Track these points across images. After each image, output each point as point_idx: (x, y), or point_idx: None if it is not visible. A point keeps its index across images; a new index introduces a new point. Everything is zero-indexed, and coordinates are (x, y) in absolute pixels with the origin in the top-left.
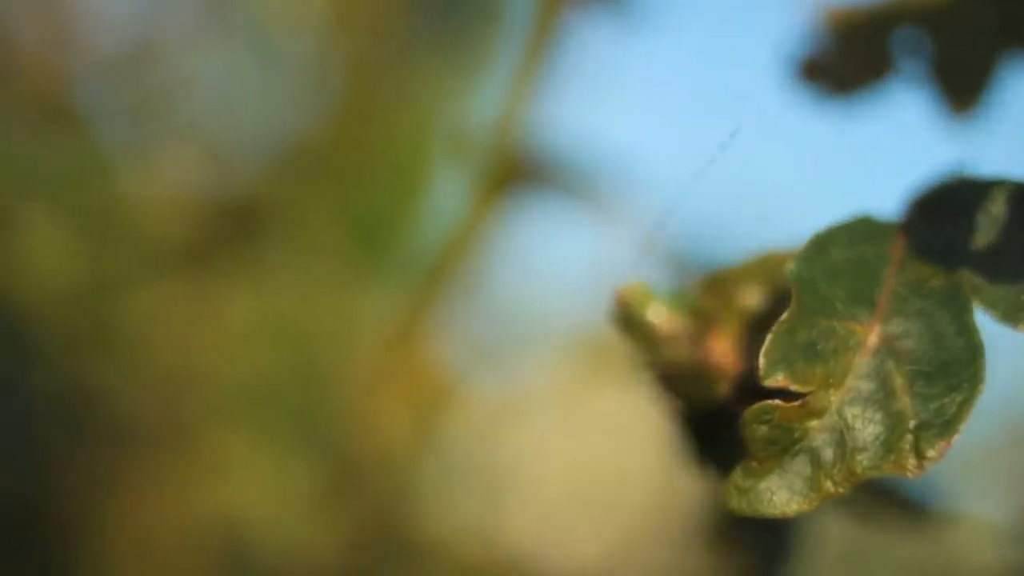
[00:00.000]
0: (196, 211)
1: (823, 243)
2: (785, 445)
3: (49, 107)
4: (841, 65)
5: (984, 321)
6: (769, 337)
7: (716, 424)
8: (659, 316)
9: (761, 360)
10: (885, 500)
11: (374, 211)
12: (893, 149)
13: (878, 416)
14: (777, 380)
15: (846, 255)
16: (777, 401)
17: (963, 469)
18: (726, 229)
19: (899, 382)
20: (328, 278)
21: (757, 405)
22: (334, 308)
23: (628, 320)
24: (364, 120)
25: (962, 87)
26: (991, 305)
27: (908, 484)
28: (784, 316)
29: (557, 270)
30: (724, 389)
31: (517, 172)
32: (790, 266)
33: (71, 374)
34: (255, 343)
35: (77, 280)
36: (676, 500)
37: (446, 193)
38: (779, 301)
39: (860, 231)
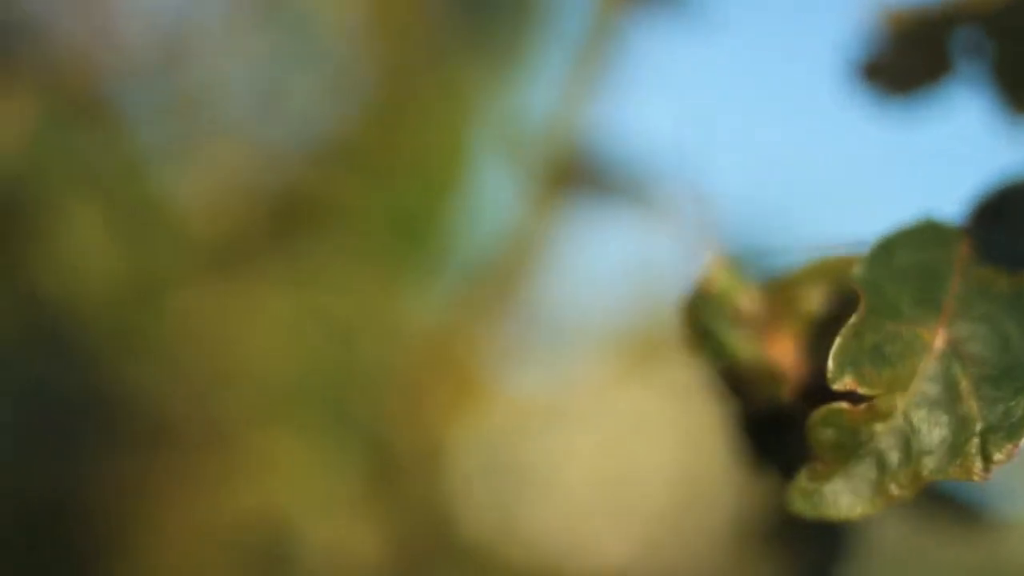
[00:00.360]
0: (237, 209)
1: (889, 247)
2: (851, 448)
3: (90, 105)
4: (900, 66)
5: None
6: (837, 340)
7: (778, 427)
8: (745, 297)
9: (830, 363)
10: (941, 503)
11: (416, 209)
12: (955, 152)
13: (944, 419)
14: (845, 383)
15: (911, 259)
16: (844, 404)
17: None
18: (785, 232)
19: (965, 385)
20: (370, 276)
21: (824, 408)
22: (376, 306)
23: (708, 300)
24: (406, 118)
25: (1023, 89)
26: None
27: (964, 487)
28: (852, 319)
29: (607, 271)
30: (787, 392)
31: (569, 173)
32: (857, 269)
33: (112, 373)
34: (296, 341)
35: (118, 279)
36: (708, 501)
37: (493, 192)
38: (842, 305)
39: (925, 235)
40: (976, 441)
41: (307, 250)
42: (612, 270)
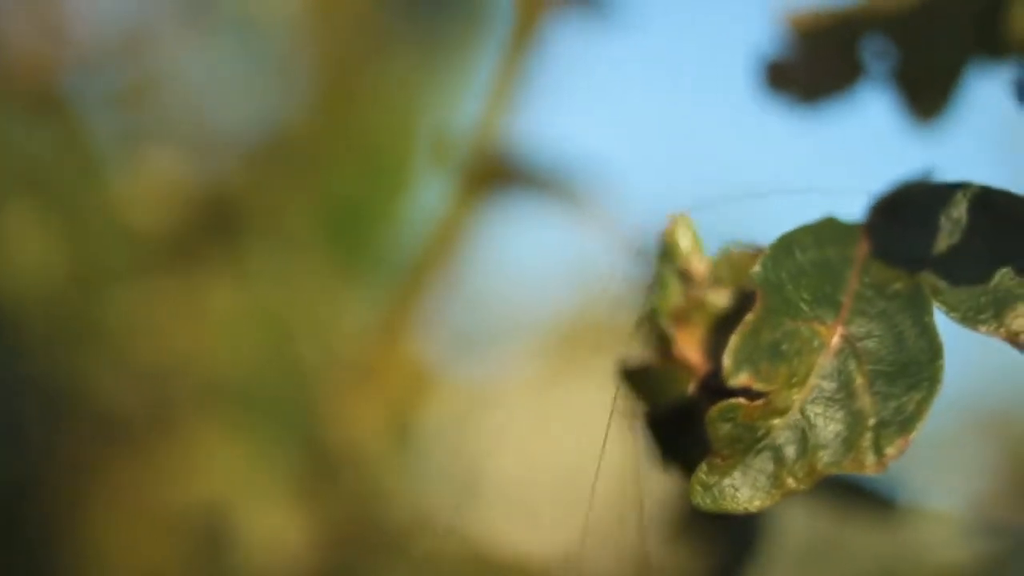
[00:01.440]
0: (179, 205)
1: (788, 245)
2: (748, 443)
3: (33, 101)
4: (808, 71)
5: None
6: (734, 338)
7: (682, 421)
8: (697, 259)
9: (726, 360)
10: (850, 493)
11: (355, 206)
12: (860, 152)
13: (839, 415)
14: (741, 380)
15: (811, 257)
16: (741, 400)
17: (926, 460)
18: (700, 229)
19: (860, 381)
20: (309, 272)
21: (721, 403)
22: (315, 302)
23: (666, 248)
24: (344, 115)
25: (928, 94)
26: (951, 307)
27: (873, 478)
28: (749, 317)
29: (534, 267)
30: (691, 387)
31: (496, 172)
32: (756, 268)
33: (54, 366)
34: (237, 336)
35: (60, 273)
36: (644, 492)
37: (427, 190)
38: (746, 301)
39: (825, 233)
40: (869, 436)
41: (249, 247)
42: (542, 267)
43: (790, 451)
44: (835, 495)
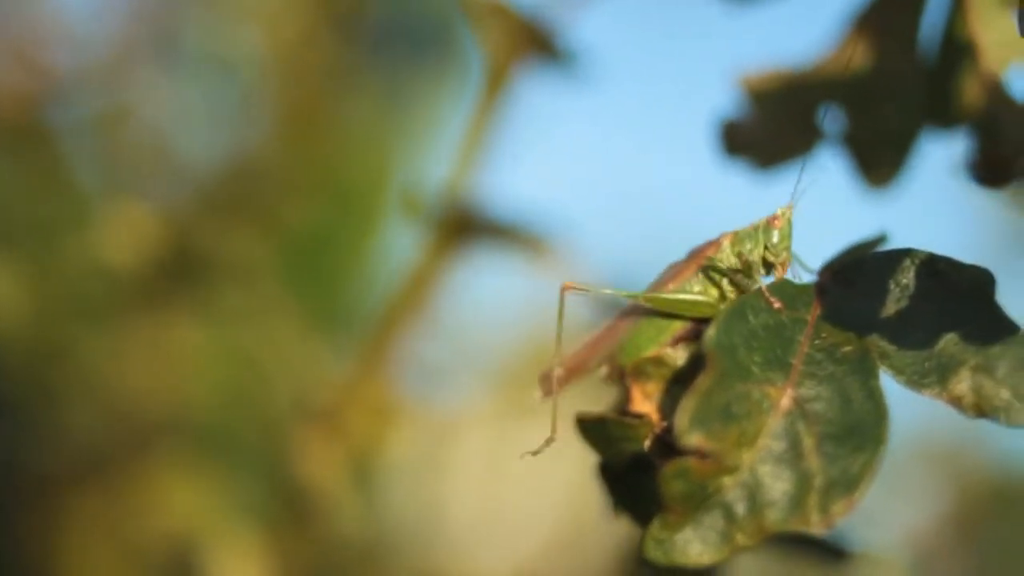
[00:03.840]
0: (149, 246)
1: (742, 309)
2: (700, 500)
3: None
4: (764, 136)
5: None
6: (686, 400)
7: (637, 473)
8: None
9: (678, 422)
10: (801, 538)
11: (322, 248)
12: (814, 215)
13: (787, 474)
14: (693, 441)
15: (764, 321)
16: (693, 459)
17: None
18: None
19: (808, 442)
20: (276, 313)
21: (674, 462)
22: (282, 342)
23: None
24: (312, 157)
25: (879, 160)
26: (898, 371)
27: None
28: (701, 380)
29: (495, 311)
30: (646, 443)
31: (462, 223)
32: (710, 331)
33: (25, 401)
34: (204, 374)
35: (33, 315)
36: (591, 532)
37: (394, 235)
38: (702, 360)
39: (779, 297)
40: (816, 495)
41: (216, 287)
42: (504, 312)
43: (740, 508)
44: (786, 538)
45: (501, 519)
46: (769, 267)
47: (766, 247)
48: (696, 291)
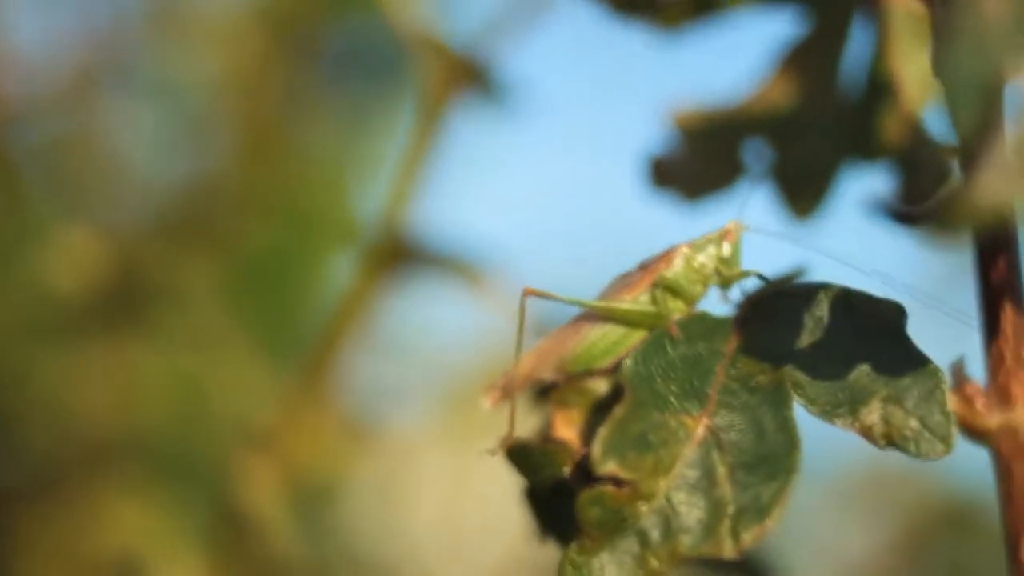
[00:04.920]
0: (98, 270)
1: (659, 341)
2: (615, 526)
3: None
4: (691, 169)
5: None
6: (602, 430)
7: (561, 498)
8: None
9: (594, 451)
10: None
11: (268, 272)
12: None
13: (701, 502)
14: (608, 469)
15: (682, 352)
16: (609, 487)
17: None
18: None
19: (722, 471)
20: (221, 336)
21: (590, 490)
22: (227, 365)
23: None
24: (260, 182)
25: (802, 193)
26: (811, 401)
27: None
28: (617, 410)
29: (434, 339)
30: (568, 469)
31: (399, 251)
32: (627, 363)
33: None
34: (152, 399)
35: None
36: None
37: (337, 262)
38: (622, 389)
39: (696, 328)
40: (728, 522)
41: (163, 311)
42: (454, 335)
43: (655, 534)
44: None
45: (458, 537)
46: (721, 281)
47: (719, 260)
48: (649, 303)
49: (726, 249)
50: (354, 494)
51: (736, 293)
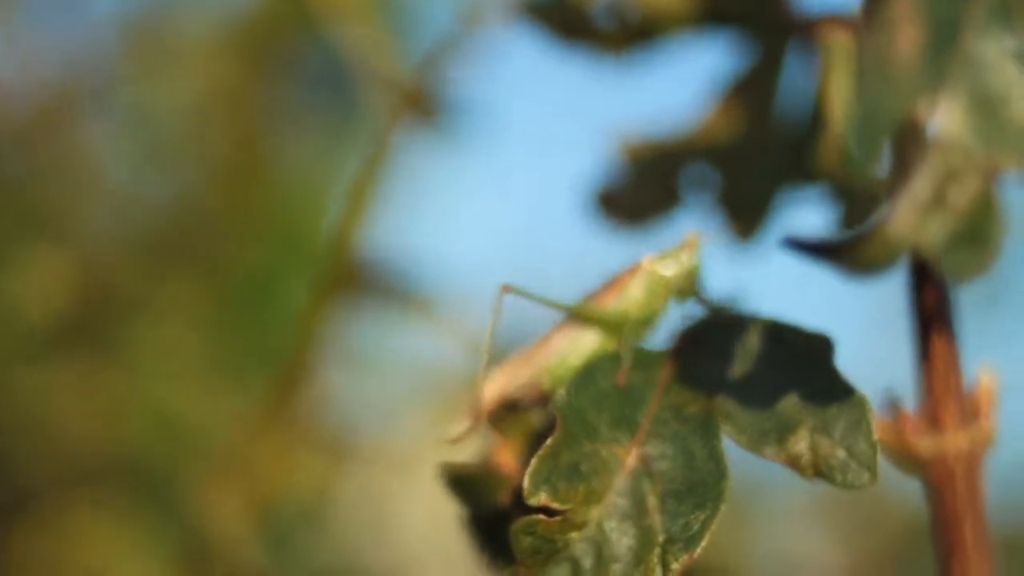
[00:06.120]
0: (71, 295)
1: (592, 372)
2: (548, 554)
3: None
4: (634, 198)
5: None
6: (533, 461)
7: (501, 525)
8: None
9: (525, 482)
10: None
11: (243, 294)
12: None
13: (632, 531)
14: (540, 499)
15: (614, 382)
16: (541, 516)
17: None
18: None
19: (652, 500)
20: (192, 361)
21: (523, 519)
22: (199, 385)
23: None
24: (245, 207)
25: (744, 218)
26: (739, 431)
27: None
28: (549, 442)
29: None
30: (505, 497)
31: (352, 277)
32: (559, 393)
33: None
34: (123, 421)
35: None
36: None
37: (297, 287)
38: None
39: (634, 359)
40: (658, 551)
41: (134, 336)
42: (394, 362)
43: (587, 562)
44: None
45: (445, 545)
46: (681, 294)
47: (682, 271)
48: (618, 312)
49: (688, 259)
50: (337, 507)
51: (686, 311)
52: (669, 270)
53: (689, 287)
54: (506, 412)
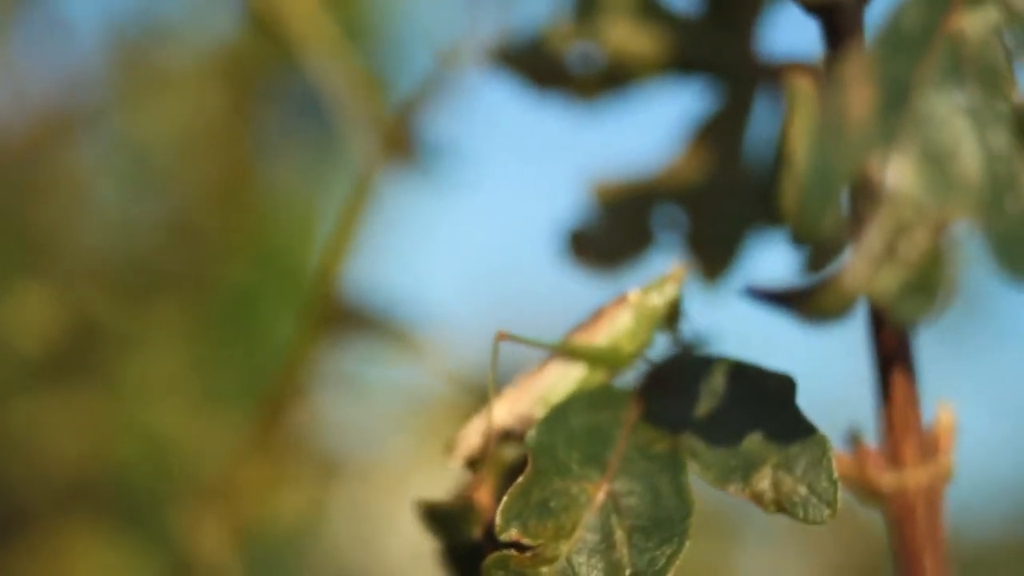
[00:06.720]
0: (59, 325)
1: (563, 412)
2: None
3: None
4: (606, 239)
5: None
6: (505, 498)
7: (473, 561)
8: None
9: (497, 518)
10: None
11: (231, 320)
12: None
13: (600, 564)
14: (511, 535)
15: (583, 421)
16: (512, 551)
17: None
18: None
19: (620, 535)
20: (178, 388)
21: (495, 554)
22: (185, 412)
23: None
24: (224, 234)
25: (713, 259)
26: (705, 468)
27: None
28: (520, 479)
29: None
30: (478, 532)
31: (337, 308)
32: (531, 433)
33: None
34: (111, 448)
35: None
36: None
37: (283, 313)
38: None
39: (599, 399)
40: None
41: (123, 364)
42: (378, 389)
43: None
44: None
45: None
46: (668, 324)
47: (666, 303)
48: (606, 345)
49: (672, 291)
50: (323, 530)
51: (670, 341)
52: (656, 300)
53: (674, 318)
54: (480, 454)
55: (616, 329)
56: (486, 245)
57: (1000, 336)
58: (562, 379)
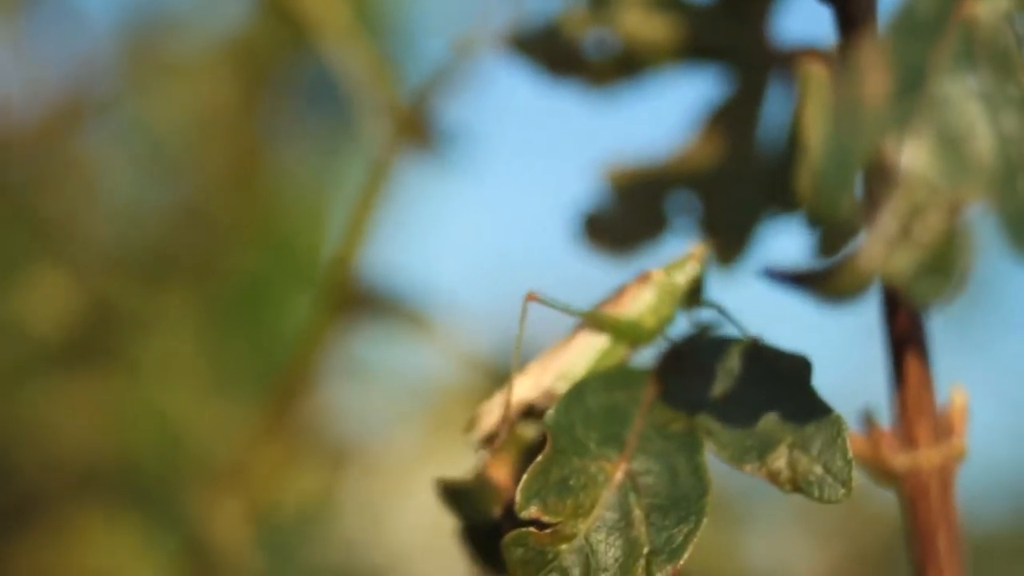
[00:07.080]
0: (73, 310)
1: (581, 392)
2: (539, 565)
3: None
4: (621, 223)
5: None
6: (525, 476)
7: (495, 536)
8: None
9: (517, 496)
10: None
11: (244, 305)
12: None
13: (619, 543)
14: (531, 513)
15: (601, 401)
16: (532, 529)
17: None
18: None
19: (638, 513)
20: (191, 373)
21: (514, 532)
22: (198, 397)
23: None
24: (236, 220)
25: (727, 243)
26: (721, 447)
27: None
28: (539, 458)
29: (384, 376)
30: (497, 510)
31: (351, 293)
32: (549, 412)
33: None
34: (125, 432)
35: None
36: None
37: (295, 298)
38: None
39: (616, 379)
40: (643, 562)
41: (136, 349)
42: (390, 374)
43: (575, 573)
44: None
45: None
46: (689, 302)
47: (688, 281)
48: (631, 319)
49: (694, 269)
50: (335, 514)
51: (681, 325)
52: (679, 278)
53: (695, 296)
54: (500, 433)
55: (639, 305)
56: (500, 231)
57: (1007, 326)
58: (584, 354)
